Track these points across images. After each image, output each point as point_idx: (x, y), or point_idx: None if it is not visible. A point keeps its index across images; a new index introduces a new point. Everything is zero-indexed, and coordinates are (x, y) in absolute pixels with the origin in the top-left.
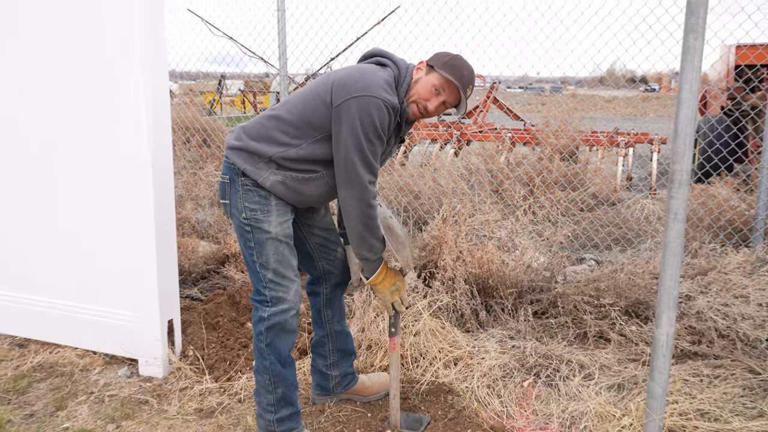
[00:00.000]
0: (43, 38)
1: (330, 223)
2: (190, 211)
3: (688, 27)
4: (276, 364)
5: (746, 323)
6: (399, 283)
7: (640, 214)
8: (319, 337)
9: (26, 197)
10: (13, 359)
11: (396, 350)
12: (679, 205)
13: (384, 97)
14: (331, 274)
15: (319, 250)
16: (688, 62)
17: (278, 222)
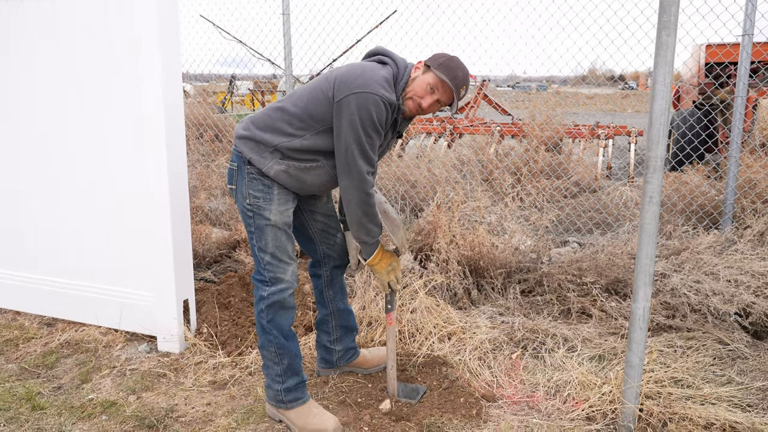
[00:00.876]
0: (74, 44)
1: (331, 210)
2: (204, 201)
3: (661, 24)
4: (279, 338)
5: (716, 298)
6: (395, 263)
7: (619, 200)
8: (322, 315)
9: (57, 183)
10: (42, 337)
11: (392, 325)
12: (654, 189)
13: (381, 93)
14: (330, 258)
15: (320, 235)
16: (661, 57)
17: (279, 210)
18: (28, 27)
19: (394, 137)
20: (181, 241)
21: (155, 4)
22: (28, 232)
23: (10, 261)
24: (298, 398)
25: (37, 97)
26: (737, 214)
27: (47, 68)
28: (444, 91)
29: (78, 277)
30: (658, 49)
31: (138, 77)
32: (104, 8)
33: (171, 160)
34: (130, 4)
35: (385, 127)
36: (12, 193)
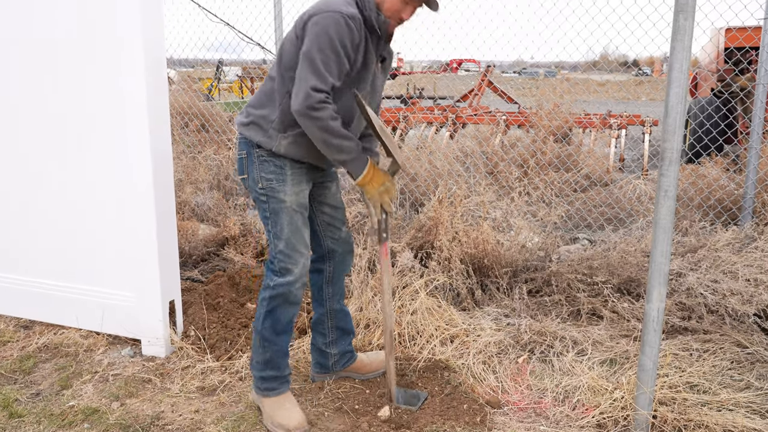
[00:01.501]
0: (53, 24)
1: (339, 201)
2: (190, 195)
3: (678, 7)
4: (269, 330)
5: (734, 299)
6: (388, 183)
7: (632, 194)
8: (318, 315)
9: (34, 178)
10: (18, 340)
11: (387, 258)
12: (669, 182)
13: (342, 10)
14: (334, 253)
15: (325, 227)
16: (678, 42)
17: (293, 191)
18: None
19: (378, 61)
20: (166, 237)
21: None
22: (2, 230)
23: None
24: (273, 388)
25: (8, 88)
26: (757, 209)
27: (20, 56)
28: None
29: (56, 277)
30: (674, 33)
31: (118, 63)
32: None
33: (155, 151)
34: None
35: (355, 48)
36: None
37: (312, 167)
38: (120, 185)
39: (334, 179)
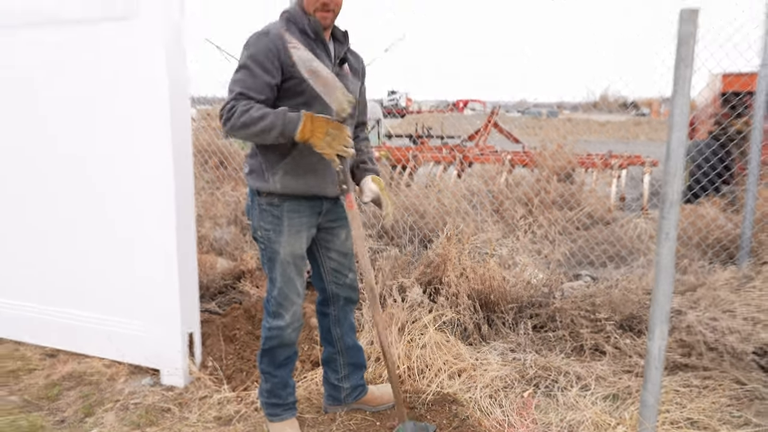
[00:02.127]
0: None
1: (349, 248)
2: (209, 230)
3: (679, 57)
4: (268, 365)
5: (733, 337)
6: (332, 129)
7: (633, 232)
8: (329, 353)
9: (60, 217)
10: (44, 368)
11: (353, 208)
12: (670, 224)
13: (257, 32)
14: (338, 297)
15: (331, 273)
16: (679, 90)
17: (289, 242)
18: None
19: (335, 64)
20: (187, 272)
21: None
22: (29, 262)
23: (10, 290)
24: (276, 414)
25: (45, 128)
26: (755, 249)
27: (52, 86)
28: None
29: (81, 308)
30: (675, 81)
31: (144, 104)
32: (114, 47)
33: (179, 189)
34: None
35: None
36: (13, 221)
37: (313, 210)
38: (145, 221)
39: (344, 226)
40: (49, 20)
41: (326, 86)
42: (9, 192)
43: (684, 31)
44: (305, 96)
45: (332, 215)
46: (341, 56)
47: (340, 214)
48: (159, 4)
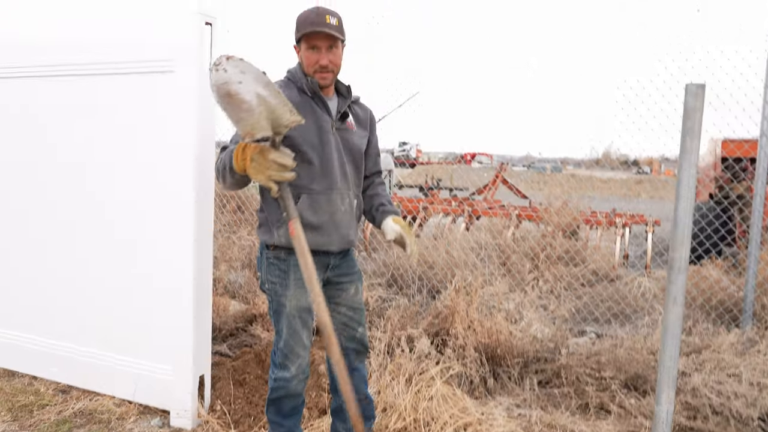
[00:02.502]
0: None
1: (358, 303)
2: (224, 273)
3: (685, 130)
4: (277, 415)
5: (739, 401)
6: (256, 155)
7: (637, 291)
8: (338, 403)
9: (78, 256)
10: (56, 404)
11: (295, 234)
12: (677, 290)
13: None
14: (347, 350)
15: (340, 327)
16: (686, 161)
17: (295, 296)
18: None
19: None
20: (201, 316)
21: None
22: (51, 298)
23: (29, 325)
24: None
25: (84, 179)
26: (757, 312)
27: (86, 135)
28: (319, 39)
29: (96, 346)
30: (682, 153)
31: (171, 151)
32: (148, 104)
33: (198, 233)
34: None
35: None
36: (39, 261)
37: (320, 264)
38: (163, 265)
39: (354, 281)
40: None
41: (240, 110)
42: (34, 234)
43: (690, 105)
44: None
45: (340, 270)
46: (342, 110)
47: (349, 269)
48: (192, 61)
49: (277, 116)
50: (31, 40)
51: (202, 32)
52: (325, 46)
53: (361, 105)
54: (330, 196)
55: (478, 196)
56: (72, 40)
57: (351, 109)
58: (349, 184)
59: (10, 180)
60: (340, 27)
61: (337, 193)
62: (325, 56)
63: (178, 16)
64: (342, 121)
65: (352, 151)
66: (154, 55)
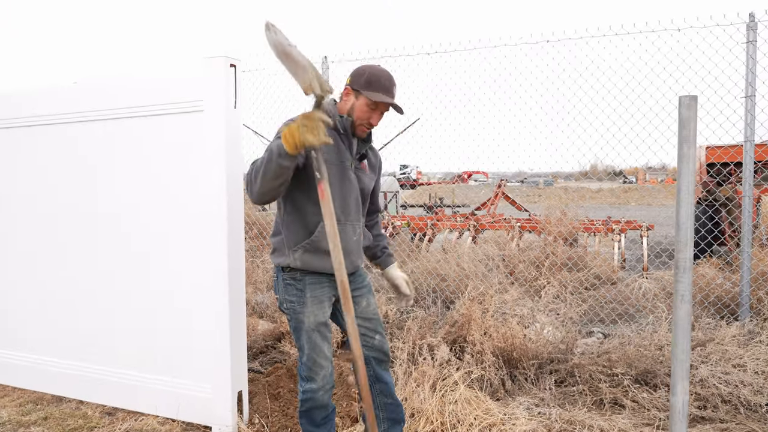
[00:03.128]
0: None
1: (372, 313)
2: (251, 294)
3: (681, 138)
4: (310, 425)
5: (746, 389)
6: (304, 120)
7: (638, 291)
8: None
9: (122, 287)
10: (104, 426)
11: (324, 199)
12: (684, 288)
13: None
14: (370, 358)
15: (359, 338)
16: (684, 167)
17: (313, 312)
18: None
19: (355, 158)
20: (237, 335)
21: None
22: (95, 328)
23: (75, 352)
24: None
25: (118, 197)
26: (754, 305)
27: (125, 173)
28: (383, 105)
29: (140, 369)
30: (680, 160)
31: (205, 183)
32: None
33: (231, 260)
34: (203, 144)
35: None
36: (84, 294)
37: (333, 282)
38: (201, 290)
39: (364, 294)
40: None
41: (297, 66)
42: (80, 263)
43: (684, 116)
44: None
45: (352, 285)
46: (362, 152)
47: (360, 283)
48: (219, 100)
49: (321, 80)
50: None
51: (227, 74)
52: (383, 111)
53: (374, 151)
54: (344, 225)
55: (479, 211)
56: (111, 88)
57: (366, 153)
58: (359, 216)
59: (55, 216)
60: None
61: (350, 225)
62: (377, 119)
63: (206, 60)
64: (359, 161)
65: (364, 189)
66: (185, 97)
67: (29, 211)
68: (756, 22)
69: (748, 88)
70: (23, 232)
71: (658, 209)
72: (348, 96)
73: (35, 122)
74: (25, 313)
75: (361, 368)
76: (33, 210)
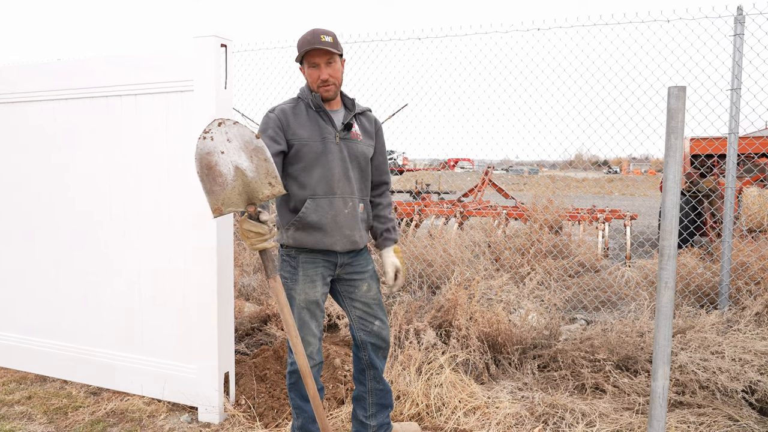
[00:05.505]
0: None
1: (372, 298)
2: (237, 277)
3: (669, 129)
4: (296, 399)
5: (723, 376)
6: (239, 223)
7: (620, 279)
8: (359, 392)
9: (108, 265)
10: (89, 406)
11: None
12: (668, 275)
13: (266, 113)
14: (366, 343)
15: (357, 321)
16: (671, 158)
17: (303, 290)
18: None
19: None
20: (224, 316)
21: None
22: (76, 306)
23: (58, 331)
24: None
25: (121, 187)
26: (733, 295)
27: (114, 147)
28: (317, 56)
29: (125, 349)
30: (667, 151)
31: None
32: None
33: (220, 244)
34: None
35: (277, 128)
36: (72, 275)
37: (328, 262)
38: (188, 275)
39: (366, 278)
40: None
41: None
42: (64, 240)
43: (673, 106)
44: (304, 161)
45: (351, 268)
46: (346, 122)
47: (361, 268)
48: (210, 80)
49: (253, 189)
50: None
51: (218, 53)
52: (324, 61)
53: (368, 116)
54: (332, 199)
55: (465, 198)
56: (103, 66)
57: (357, 120)
58: (353, 189)
59: (39, 194)
60: (335, 43)
61: (339, 197)
62: (324, 71)
63: (196, 40)
64: (347, 131)
65: (358, 158)
66: (174, 77)
67: (17, 189)
68: (744, 15)
69: (734, 80)
70: (5, 208)
71: (641, 199)
72: (303, 74)
73: (18, 99)
74: (7, 291)
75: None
76: (20, 190)
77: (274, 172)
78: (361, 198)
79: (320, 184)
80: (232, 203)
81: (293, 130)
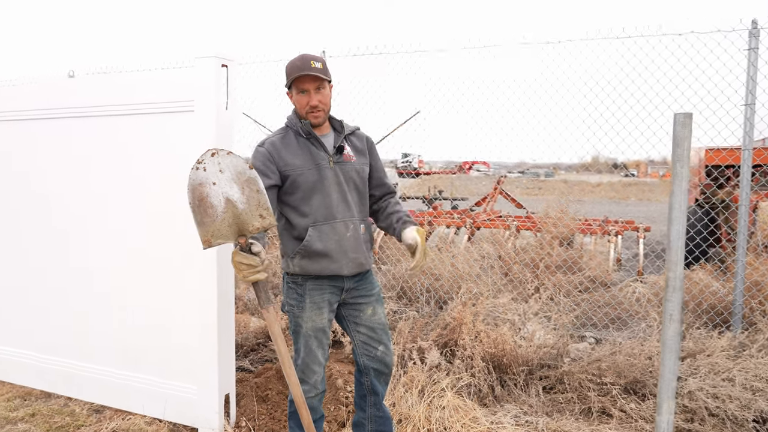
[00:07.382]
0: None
1: (377, 322)
2: (243, 291)
3: (675, 157)
4: (295, 429)
5: (734, 404)
6: (231, 255)
7: (632, 296)
8: (359, 417)
9: (113, 286)
10: (91, 425)
11: (267, 321)
12: (674, 307)
13: (256, 145)
14: (369, 369)
15: (361, 346)
16: (677, 186)
17: (311, 317)
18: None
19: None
20: (225, 338)
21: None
22: (80, 324)
23: (62, 349)
24: None
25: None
26: (746, 315)
27: (118, 179)
28: (306, 82)
29: (127, 369)
30: (673, 179)
31: None
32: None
33: (220, 264)
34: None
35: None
36: (73, 287)
37: (335, 288)
38: (187, 292)
39: (371, 302)
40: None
41: (204, 215)
42: (70, 259)
43: (679, 134)
44: (301, 190)
45: (357, 292)
46: (338, 145)
47: (366, 291)
48: (211, 100)
49: (243, 221)
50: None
51: (218, 74)
52: (313, 87)
53: (358, 134)
54: (333, 224)
55: (476, 207)
56: (103, 86)
57: (348, 141)
58: (353, 211)
59: (49, 209)
60: (324, 69)
61: (340, 221)
62: (314, 97)
63: (197, 60)
64: (339, 154)
65: (354, 180)
66: (175, 97)
67: (25, 201)
68: (759, 29)
69: (748, 96)
70: (12, 224)
71: (657, 205)
72: (291, 100)
73: (26, 117)
74: (14, 308)
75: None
76: (28, 199)
77: (265, 204)
78: (362, 219)
79: (320, 211)
80: (221, 235)
81: (286, 161)
